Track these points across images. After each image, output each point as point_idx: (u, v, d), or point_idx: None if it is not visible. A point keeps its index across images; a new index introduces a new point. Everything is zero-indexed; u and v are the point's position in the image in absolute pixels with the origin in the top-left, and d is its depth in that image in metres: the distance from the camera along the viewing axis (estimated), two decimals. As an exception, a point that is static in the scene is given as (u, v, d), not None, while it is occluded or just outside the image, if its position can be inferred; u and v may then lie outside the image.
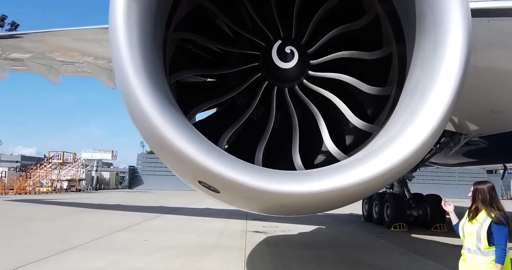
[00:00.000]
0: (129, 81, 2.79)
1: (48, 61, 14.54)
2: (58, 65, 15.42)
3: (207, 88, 4.49)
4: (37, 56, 14.38)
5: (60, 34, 11.66)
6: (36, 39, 12.89)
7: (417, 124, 2.96)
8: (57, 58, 14.53)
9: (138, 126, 2.94)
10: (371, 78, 4.02)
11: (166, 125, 2.75)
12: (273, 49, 3.80)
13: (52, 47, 13.46)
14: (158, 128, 2.75)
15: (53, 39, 12.25)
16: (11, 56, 14.89)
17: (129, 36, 2.82)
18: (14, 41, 13.64)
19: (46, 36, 12.10)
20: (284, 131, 4.18)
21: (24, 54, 14.36)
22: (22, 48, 13.81)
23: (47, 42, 12.63)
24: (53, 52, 13.99)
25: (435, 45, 3.07)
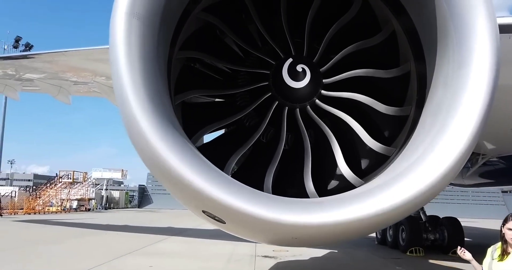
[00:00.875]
0: (128, 104, 2.59)
1: (58, 81, 14.56)
2: (68, 85, 15.46)
3: (215, 108, 4.29)
4: (48, 76, 14.44)
5: (70, 54, 11.66)
6: (47, 59, 12.93)
7: (443, 148, 2.70)
8: (68, 78, 14.57)
9: (138, 151, 2.73)
10: (388, 97, 3.79)
11: (167, 150, 2.53)
12: (283, 67, 3.59)
13: (63, 67, 13.50)
14: (158, 153, 2.53)
15: (63, 59, 12.26)
16: (24, 77, 14.99)
17: (129, 54, 2.64)
18: (27, 61, 13.72)
19: (56, 56, 12.11)
20: (295, 154, 3.94)
21: (35, 74, 14.44)
22: (34, 68, 13.88)
23: (57, 63, 12.65)
24: (64, 72, 14.03)
25: (459, 63, 2.83)
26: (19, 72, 14.49)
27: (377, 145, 3.70)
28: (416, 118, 3.51)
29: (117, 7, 2.65)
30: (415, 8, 3.36)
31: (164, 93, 3.03)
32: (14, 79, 15.33)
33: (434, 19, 3.06)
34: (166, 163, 2.51)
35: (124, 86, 2.60)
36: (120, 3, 2.64)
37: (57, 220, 24.99)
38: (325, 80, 3.72)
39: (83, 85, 15.30)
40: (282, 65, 3.62)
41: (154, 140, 2.53)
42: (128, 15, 2.64)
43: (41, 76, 14.45)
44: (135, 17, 2.66)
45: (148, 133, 2.54)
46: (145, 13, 2.72)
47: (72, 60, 12.75)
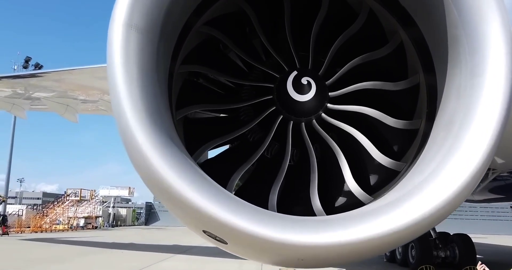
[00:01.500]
0: (125, 118, 2.48)
1: (65, 100, 14.63)
2: (76, 103, 15.52)
3: (218, 124, 4.17)
4: (56, 95, 14.52)
5: (76, 72, 11.73)
6: (55, 78, 13.02)
7: (457, 163, 2.56)
8: (76, 96, 14.64)
9: (135, 167, 2.61)
10: (397, 110, 3.66)
11: (165, 166, 2.40)
12: (288, 80, 3.48)
13: (70, 85, 13.58)
14: (156, 169, 2.41)
15: (70, 77, 12.33)
16: (32, 96, 15.08)
17: (127, 66, 2.54)
18: (35, 80, 13.81)
19: (63, 74, 12.19)
20: (301, 169, 3.80)
21: (43, 93, 14.53)
22: (43, 87, 13.97)
23: (64, 81, 12.73)
24: (72, 90, 14.10)
25: (473, 72, 2.70)
26: (28, 91, 14.59)
27: (386, 160, 3.56)
28: (427, 132, 3.37)
29: (114, 18, 2.57)
30: (423, 17, 3.25)
31: (164, 107, 2.92)
32: (23, 98, 15.43)
33: (444, 28, 2.95)
34: (164, 179, 2.39)
35: (121, 99, 2.50)
36: (118, 14, 2.56)
37: (63, 238, 24.83)
38: (331, 93, 3.60)
39: (91, 104, 15.37)
40: (286, 78, 3.51)
41: (152, 156, 2.41)
42: (126, 26, 2.55)
43: (49, 94, 14.54)
44: (133, 29, 2.57)
45: (146, 149, 2.42)
46: (143, 25, 2.63)
47: (79, 79, 12.82)
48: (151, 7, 2.68)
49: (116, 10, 2.59)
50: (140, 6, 2.61)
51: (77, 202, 45.67)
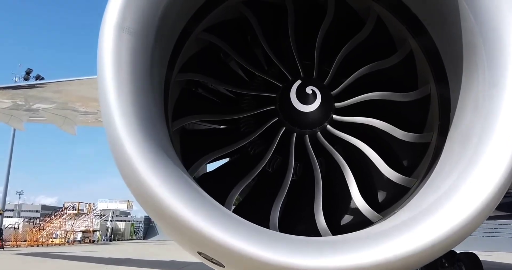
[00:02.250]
0: (115, 127, 2.27)
1: (63, 111, 14.46)
2: (74, 115, 15.34)
3: (217, 135, 3.96)
4: (55, 106, 14.36)
5: (75, 83, 11.58)
6: (54, 89, 12.87)
7: (477, 179, 2.34)
8: (75, 108, 14.48)
9: (125, 180, 2.38)
10: (406, 122, 3.45)
11: (157, 181, 2.18)
12: (291, 89, 3.28)
13: (70, 97, 13.42)
14: (146, 184, 2.19)
15: (69, 88, 12.19)
16: (31, 107, 14.93)
17: (118, 72, 2.34)
18: (35, 91, 13.65)
19: (62, 85, 12.04)
20: (304, 185, 3.57)
21: (42, 104, 14.37)
22: (43, 98, 13.82)
23: (62, 92, 12.58)
24: (72, 102, 13.95)
25: (491, 82, 2.50)
26: (28, 102, 14.44)
27: (396, 175, 3.34)
28: (440, 146, 3.15)
29: (105, 20, 2.38)
30: (436, 25, 3.07)
31: (159, 117, 2.71)
32: (22, 110, 15.28)
33: (459, 35, 2.76)
34: (155, 195, 2.16)
35: (111, 106, 2.29)
36: (109, 16, 2.38)
37: (59, 253, 24.40)
38: (337, 104, 3.40)
39: (91, 115, 15.19)
40: (290, 88, 3.31)
41: (143, 169, 2.19)
42: (118, 28, 2.36)
43: (47, 106, 14.39)
44: (126, 31, 2.38)
45: (136, 161, 2.20)
46: (137, 27, 2.44)
47: (78, 90, 12.66)
48: (145, 9, 2.49)
49: (108, 12, 2.41)
50: (133, 8, 2.43)
51: (75, 216, 45.18)
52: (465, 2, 2.60)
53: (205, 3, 3.27)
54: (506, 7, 2.46)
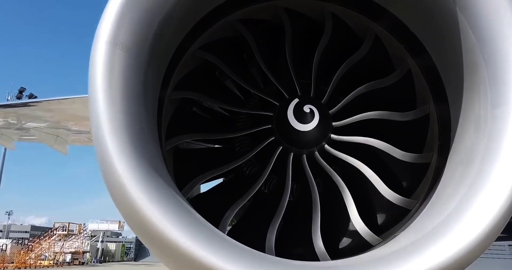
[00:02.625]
0: (105, 146, 2.17)
1: (55, 130, 14.29)
2: (66, 134, 15.16)
3: (211, 155, 3.86)
4: (47, 125, 14.20)
5: (67, 102, 11.46)
6: (46, 107, 12.74)
7: (485, 200, 2.26)
8: (67, 126, 14.33)
9: (115, 203, 2.27)
10: (405, 142, 3.38)
11: (149, 203, 2.07)
12: (289, 108, 3.21)
13: (62, 115, 13.28)
14: (138, 206, 2.08)
15: (61, 107, 12.06)
16: (22, 126, 14.75)
17: (110, 88, 2.26)
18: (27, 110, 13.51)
19: (54, 104, 11.91)
20: (301, 206, 3.47)
21: (34, 123, 14.21)
22: (35, 116, 13.66)
23: (54, 111, 12.44)
24: (64, 120, 13.80)
25: (494, 101, 2.45)
26: (20, 121, 14.28)
27: (396, 197, 3.25)
28: (440, 166, 3.08)
29: (98, 35, 2.31)
30: (435, 43, 3.03)
31: (151, 135, 2.62)
32: (14, 129, 15.09)
33: (460, 54, 2.72)
34: (145, 217, 2.05)
35: (101, 124, 2.20)
36: (102, 31, 2.30)
37: (47, 275, 23.76)
38: (334, 123, 3.33)
39: (83, 134, 15.02)
40: (287, 106, 3.24)
41: (133, 190, 2.08)
42: (111, 44, 2.28)
43: (39, 125, 14.22)
44: (119, 47, 2.31)
45: (126, 181, 2.10)
46: (130, 43, 2.37)
47: (71, 108, 12.53)
48: (140, 24, 2.43)
49: (101, 27, 2.34)
50: (127, 23, 2.36)
51: (65, 237, 44.31)
52: (466, 20, 2.57)
53: (201, 20, 3.22)
54: (508, 26, 2.42)
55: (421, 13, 2.96)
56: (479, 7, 2.50)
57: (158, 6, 2.53)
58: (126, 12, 2.35)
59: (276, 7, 3.61)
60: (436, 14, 2.81)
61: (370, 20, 3.47)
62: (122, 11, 2.34)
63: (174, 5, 2.65)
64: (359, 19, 3.52)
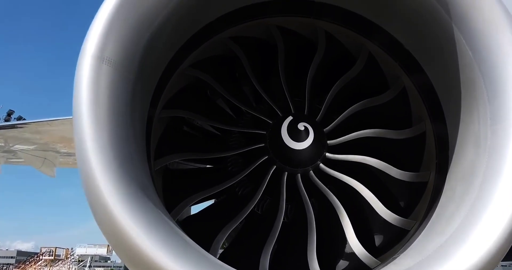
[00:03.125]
0: (89, 166, 2.06)
1: (43, 153, 14.06)
2: (54, 156, 14.93)
3: (202, 175, 3.74)
4: (35, 147, 13.97)
5: (56, 123, 11.30)
6: (34, 129, 12.55)
7: (490, 219, 2.17)
8: (55, 148, 14.10)
9: (100, 226, 2.13)
10: (401, 161, 3.30)
11: (135, 226, 1.95)
12: (283, 126, 3.12)
13: (51, 137, 13.09)
14: (123, 230, 1.95)
15: (49, 129, 11.88)
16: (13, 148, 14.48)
17: (95, 105, 2.16)
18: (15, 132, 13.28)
19: (41, 126, 11.73)
20: (296, 227, 3.34)
21: (21, 145, 13.96)
22: (22, 139, 13.43)
23: (42, 133, 12.25)
24: (53, 143, 13.59)
25: (494, 118, 2.39)
26: (8, 143, 14.02)
27: (393, 217, 3.15)
28: (439, 185, 2.99)
29: (85, 50, 2.21)
30: (431, 61, 2.99)
31: (139, 155, 2.50)
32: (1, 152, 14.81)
33: (456, 70, 2.67)
34: (131, 241, 1.92)
35: (86, 143, 2.08)
36: (88, 45, 2.21)
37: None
38: (329, 141, 3.25)
39: (73, 157, 14.76)
40: (280, 124, 3.15)
41: (118, 212, 1.95)
42: (97, 59, 2.19)
43: (28, 147, 13.98)
44: (105, 62, 2.21)
45: (111, 203, 1.97)
46: (118, 59, 2.28)
47: (59, 130, 12.35)
48: (128, 39, 2.34)
49: (87, 42, 2.25)
50: (114, 37, 2.27)
51: (51, 262, 43.17)
52: (462, 36, 2.53)
53: (192, 37, 3.16)
54: (506, 41, 2.38)
55: (416, 30, 2.92)
56: (475, 23, 2.46)
57: (147, 21, 2.45)
58: (113, 26, 2.27)
59: (268, 24, 3.57)
60: (431, 30, 2.77)
61: (364, 37, 3.43)
62: (110, 25, 2.26)
63: (164, 21, 2.57)
64: (353, 37, 3.49)
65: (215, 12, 3.18)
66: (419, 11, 2.75)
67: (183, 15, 2.76)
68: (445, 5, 2.56)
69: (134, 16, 2.38)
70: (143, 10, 2.43)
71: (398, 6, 2.93)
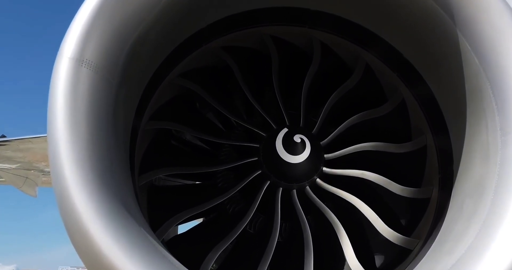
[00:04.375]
0: (64, 182, 1.84)
1: (24, 172, 13.60)
2: (36, 175, 14.47)
3: (190, 191, 3.51)
4: (15, 166, 13.53)
5: (38, 141, 10.92)
6: (16, 147, 12.16)
7: (505, 236, 1.99)
8: (38, 167, 13.68)
9: (76, 249, 1.90)
10: (402, 176, 3.13)
11: (116, 247, 1.73)
12: (277, 138, 2.93)
13: (32, 155, 12.69)
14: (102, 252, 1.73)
15: (31, 146, 11.49)
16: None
17: (73, 112, 1.95)
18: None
19: (22, 143, 11.33)
20: (292, 247, 3.14)
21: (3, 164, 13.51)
22: (6, 157, 12.99)
23: (24, 150, 11.84)
24: (37, 161, 13.18)
25: (504, 128, 2.24)
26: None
27: (395, 235, 2.96)
28: (443, 202, 2.82)
29: (62, 52, 2.02)
30: (433, 70, 2.84)
31: (122, 170, 2.28)
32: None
33: (461, 79, 2.52)
34: (111, 265, 1.68)
35: (61, 155, 1.86)
36: (67, 46, 2.02)
37: None
38: (326, 155, 3.07)
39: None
40: (275, 137, 2.97)
41: (97, 232, 1.73)
42: (75, 61, 1.99)
43: (9, 166, 13.53)
44: (85, 65, 2.01)
45: (89, 222, 1.75)
46: (99, 62, 2.08)
47: (43, 148, 11.96)
48: (111, 41, 2.15)
49: (65, 43, 2.05)
50: (96, 39, 2.08)
51: (32, 285, 41.69)
52: (468, 43, 2.39)
53: (181, 45, 2.99)
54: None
55: (417, 38, 2.78)
56: (482, 28, 2.33)
57: (132, 23, 2.27)
58: (95, 27, 2.08)
59: (261, 34, 3.42)
60: (434, 38, 2.63)
61: (360, 48, 3.30)
62: (91, 25, 2.07)
63: (151, 24, 2.40)
64: (349, 47, 3.35)
65: (204, 20, 3.03)
66: (421, 17, 2.62)
67: (169, 21, 2.59)
68: (449, 10, 2.43)
69: (118, 18, 2.20)
70: (128, 11, 2.26)
71: (398, 13, 2.79)
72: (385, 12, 2.87)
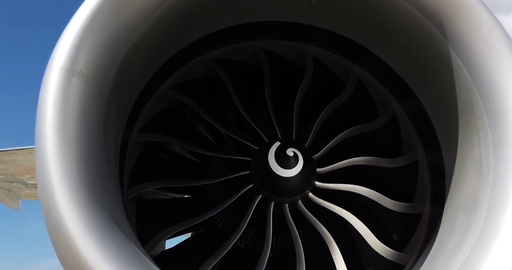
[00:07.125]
0: (52, 194, 1.79)
1: (7, 184, 13.30)
2: (20, 188, 14.17)
3: (180, 205, 3.44)
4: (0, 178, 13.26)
5: (22, 153, 10.73)
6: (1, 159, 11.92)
7: (500, 250, 1.98)
8: (22, 180, 13.41)
9: (62, 263, 1.83)
10: (394, 191, 3.12)
11: (104, 262, 1.67)
12: (269, 152, 2.91)
13: (16, 167, 12.45)
14: (90, 267, 1.65)
15: (15, 158, 11.26)
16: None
17: (62, 122, 1.90)
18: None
19: (6, 155, 11.11)
20: (284, 262, 3.08)
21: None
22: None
23: (8, 162, 11.60)
24: (19, 173, 12.92)
25: (497, 143, 2.25)
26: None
27: (387, 250, 2.94)
28: (435, 217, 2.81)
29: (52, 61, 1.99)
30: (425, 85, 2.86)
31: (111, 183, 2.24)
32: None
33: (453, 94, 2.54)
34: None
35: (49, 167, 1.82)
36: (57, 56, 1.99)
37: None
38: (319, 169, 3.05)
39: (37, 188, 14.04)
40: (267, 150, 2.94)
41: (84, 247, 1.69)
42: (66, 71, 1.95)
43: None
44: (76, 76, 1.98)
45: (76, 236, 1.71)
46: (90, 73, 2.05)
47: (27, 160, 11.76)
48: (102, 53, 2.12)
49: (56, 52, 2.02)
50: (87, 49, 2.05)
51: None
52: (459, 58, 2.42)
53: (173, 57, 2.98)
54: (507, 63, 2.27)
55: (409, 53, 2.81)
56: (474, 45, 2.35)
57: (125, 34, 2.26)
58: (87, 37, 2.06)
59: (253, 47, 3.42)
60: (426, 54, 2.66)
61: (352, 63, 3.32)
62: (83, 35, 2.05)
63: (143, 36, 2.39)
64: (341, 62, 3.37)
65: (196, 33, 3.02)
66: (413, 33, 2.65)
67: (162, 33, 2.58)
68: (441, 27, 2.46)
69: (110, 28, 2.18)
70: (121, 22, 2.24)
71: (390, 29, 2.82)
72: (377, 27, 2.89)
